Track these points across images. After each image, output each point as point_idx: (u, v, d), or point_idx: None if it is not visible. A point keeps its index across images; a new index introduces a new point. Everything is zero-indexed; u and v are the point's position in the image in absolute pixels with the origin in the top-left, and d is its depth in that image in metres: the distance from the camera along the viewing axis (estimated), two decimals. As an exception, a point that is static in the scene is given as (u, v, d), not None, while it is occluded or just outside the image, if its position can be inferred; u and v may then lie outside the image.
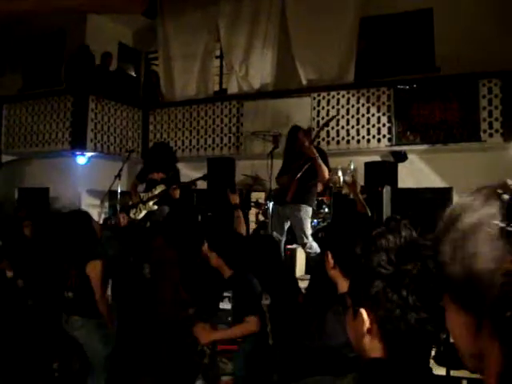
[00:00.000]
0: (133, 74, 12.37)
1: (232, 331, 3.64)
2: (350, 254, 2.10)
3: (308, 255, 6.51)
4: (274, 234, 6.43)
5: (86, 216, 4.75)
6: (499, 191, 0.76)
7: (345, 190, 7.60)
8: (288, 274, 4.92)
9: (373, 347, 1.16)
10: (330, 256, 2.30)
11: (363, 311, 1.16)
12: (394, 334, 1.12)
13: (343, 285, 2.24)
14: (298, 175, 6.30)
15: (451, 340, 0.89)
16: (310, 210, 6.53)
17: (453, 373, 4.72)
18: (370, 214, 6.66)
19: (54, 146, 10.26)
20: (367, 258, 1.15)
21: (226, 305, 3.67)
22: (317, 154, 6.26)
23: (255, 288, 3.74)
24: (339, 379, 1.17)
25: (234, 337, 3.63)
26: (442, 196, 8.35)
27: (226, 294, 3.70)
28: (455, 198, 8.28)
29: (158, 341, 4.74)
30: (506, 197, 0.75)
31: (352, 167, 8.11)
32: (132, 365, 5.16)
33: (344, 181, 7.50)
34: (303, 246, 6.41)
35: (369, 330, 1.15)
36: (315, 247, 6.23)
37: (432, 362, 4.70)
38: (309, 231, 6.42)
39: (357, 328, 1.17)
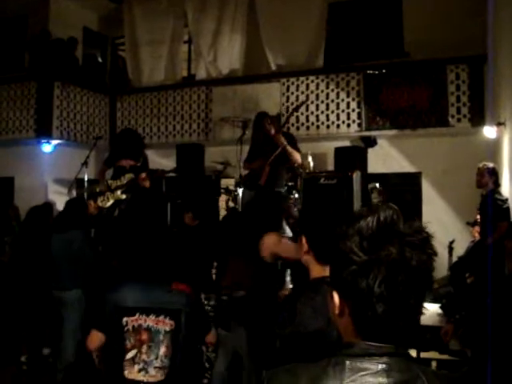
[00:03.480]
0: (99, 59, 12.10)
1: None
2: (324, 239, 2.06)
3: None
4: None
5: None
6: None
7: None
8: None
9: (345, 330, 1.15)
10: (304, 240, 2.25)
11: (335, 294, 1.14)
12: (363, 321, 1.10)
13: (315, 270, 2.19)
14: (270, 160, 6.31)
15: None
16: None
17: (423, 354, 4.82)
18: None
19: (18, 133, 9.97)
20: (343, 241, 1.11)
21: None
22: (285, 142, 6.28)
23: None
24: (313, 365, 1.13)
25: None
26: (411, 181, 8.41)
27: None
28: (424, 183, 8.36)
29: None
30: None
31: None
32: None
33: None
34: (275, 230, 6.39)
35: (341, 313, 1.14)
36: (288, 231, 6.24)
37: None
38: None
39: (333, 309, 1.14)
